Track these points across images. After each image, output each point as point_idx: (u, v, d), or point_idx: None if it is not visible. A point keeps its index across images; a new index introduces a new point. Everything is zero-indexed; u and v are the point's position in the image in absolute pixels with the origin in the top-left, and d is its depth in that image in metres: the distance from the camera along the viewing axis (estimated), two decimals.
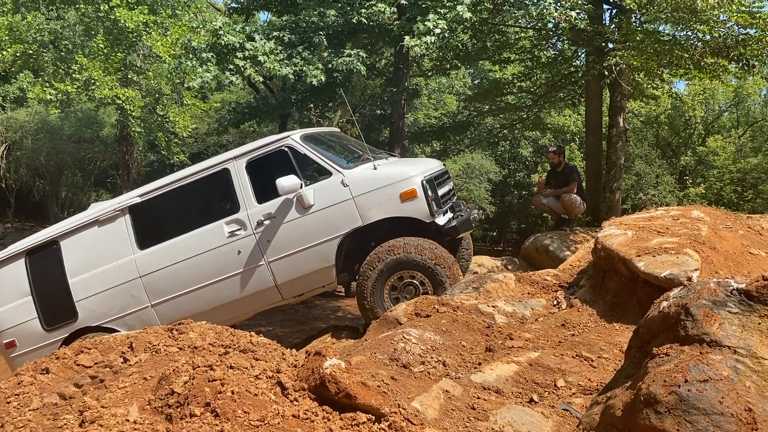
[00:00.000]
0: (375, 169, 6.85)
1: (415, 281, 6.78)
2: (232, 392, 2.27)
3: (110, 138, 30.56)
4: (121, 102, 18.19)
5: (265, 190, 6.90)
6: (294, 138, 6.95)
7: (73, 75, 17.70)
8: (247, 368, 2.51)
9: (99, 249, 7.13)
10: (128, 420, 2.31)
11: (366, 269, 6.77)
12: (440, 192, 7.08)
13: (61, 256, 7.16)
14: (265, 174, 6.92)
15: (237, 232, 6.86)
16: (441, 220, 6.91)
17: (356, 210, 6.68)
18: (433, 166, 7.45)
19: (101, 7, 16.87)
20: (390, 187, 6.69)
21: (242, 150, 7.13)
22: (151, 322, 6.88)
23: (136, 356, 3.04)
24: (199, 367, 2.46)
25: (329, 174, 6.80)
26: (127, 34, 17.69)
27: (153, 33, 17.49)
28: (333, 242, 6.73)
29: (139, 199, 7.16)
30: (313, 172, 6.95)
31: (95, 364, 3.06)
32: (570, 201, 10.32)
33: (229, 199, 7.02)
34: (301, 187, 6.66)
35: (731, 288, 2.60)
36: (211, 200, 7.24)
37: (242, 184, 6.91)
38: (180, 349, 3.12)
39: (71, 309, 7.07)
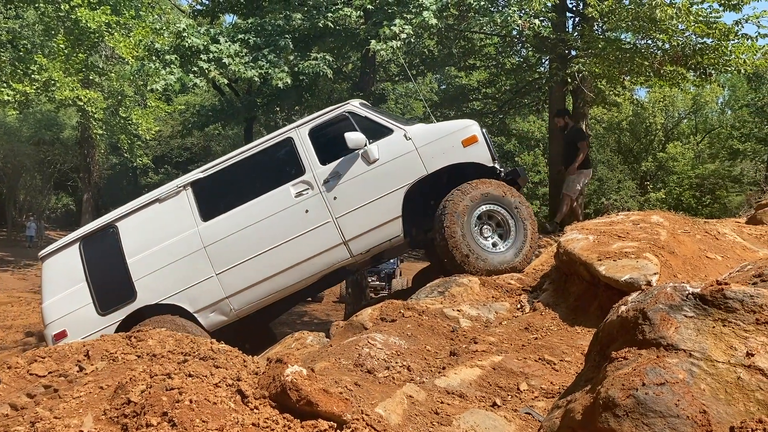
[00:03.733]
0: (433, 123, 7.32)
1: (496, 221, 7.08)
2: (191, 401, 2.22)
3: (71, 140, 29.96)
4: (82, 104, 17.82)
5: (328, 153, 7.16)
6: (354, 104, 7.37)
7: (32, 75, 17.24)
8: (206, 376, 2.46)
9: (160, 226, 7.19)
10: (82, 431, 2.25)
11: (454, 199, 6.92)
12: None
13: (119, 238, 7.20)
14: (327, 138, 7.25)
15: (304, 192, 7.06)
16: (499, 166, 7.34)
17: (420, 160, 6.99)
18: None
19: (62, 7, 16.48)
20: (451, 136, 7.07)
21: (304, 120, 7.46)
22: (214, 291, 6.99)
23: (92, 365, 2.96)
24: (156, 375, 2.40)
25: (390, 132, 7.15)
26: (88, 34, 17.33)
27: (116, 34, 17.16)
28: (399, 192, 6.98)
29: (201, 175, 7.33)
30: (373, 134, 7.16)
31: (49, 373, 2.97)
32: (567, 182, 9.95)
33: (293, 164, 7.22)
34: (366, 144, 6.95)
35: (687, 292, 2.65)
36: (275, 168, 7.40)
37: (306, 149, 7.17)
38: (138, 356, 3.05)
39: (129, 289, 7.05)
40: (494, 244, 7.06)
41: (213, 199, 7.27)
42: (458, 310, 5.96)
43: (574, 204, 10.16)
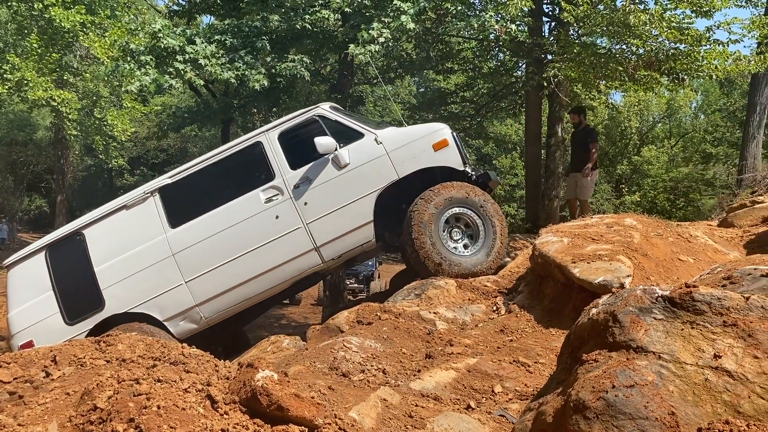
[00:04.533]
0: (404, 126, 7.31)
1: (464, 222, 7.05)
2: (158, 407, 2.18)
3: (44, 141, 29.56)
4: (56, 104, 17.56)
5: (298, 158, 7.11)
6: (324, 107, 7.31)
7: (5, 75, 16.96)
8: (175, 381, 2.42)
9: (127, 233, 7.07)
10: None
11: (419, 209, 6.88)
12: None
13: (86, 246, 7.06)
14: (297, 142, 7.19)
15: (274, 198, 6.98)
16: (470, 169, 7.29)
17: (391, 164, 6.95)
18: None
19: (35, 6, 16.24)
20: (423, 140, 7.04)
21: (273, 124, 7.37)
22: (184, 299, 6.90)
23: (59, 370, 2.89)
24: (124, 381, 2.36)
25: (361, 136, 7.08)
26: (63, 34, 17.09)
27: (91, 34, 16.94)
28: (371, 197, 6.94)
29: (169, 180, 7.21)
30: (343, 138, 7.10)
31: (15, 379, 2.89)
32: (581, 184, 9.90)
33: (263, 169, 7.13)
34: (336, 149, 6.88)
35: (656, 295, 2.68)
36: (244, 173, 7.30)
37: (276, 154, 7.09)
38: (107, 362, 2.99)
39: (97, 298, 6.92)
40: (465, 246, 7.06)
41: (181, 206, 7.16)
42: (435, 313, 5.97)
43: (587, 207, 10.17)
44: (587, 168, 9.61)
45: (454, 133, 7.29)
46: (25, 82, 16.78)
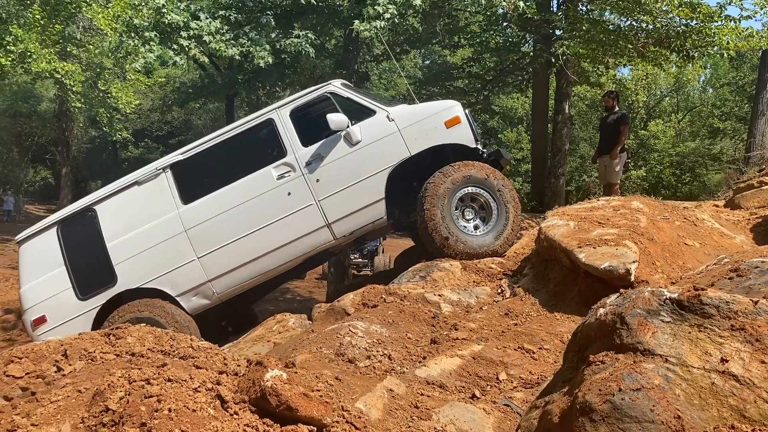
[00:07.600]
0: (416, 103, 7.33)
1: (479, 204, 7.09)
2: (170, 410, 2.20)
3: (48, 113, 29.51)
4: (59, 76, 17.45)
5: (310, 135, 7.14)
6: (335, 84, 7.31)
7: (8, 47, 16.83)
8: (185, 381, 2.45)
9: (139, 209, 7.14)
10: None
11: (435, 181, 6.92)
12: None
13: (97, 222, 7.15)
14: (309, 119, 7.27)
15: (286, 175, 7.03)
16: (481, 147, 7.34)
17: (403, 141, 6.98)
18: None
19: None
20: (435, 117, 7.06)
21: (285, 101, 7.39)
22: (196, 275, 7.00)
23: (70, 365, 2.92)
24: (135, 381, 2.39)
25: (373, 113, 7.11)
26: (65, 5, 16.92)
27: (94, 5, 16.77)
28: (383, 174, 6.99)
29: (181, 157, 7.25)
30: (355, 115, 7.11)
31: (26, 374, 2.92)
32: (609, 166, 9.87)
33: (275, 146, 7.17)
34: (348, 126, 6.92)
35: (664, 297, 2.68)
36: (256, 149, 7.33)
37: (288, 131, 7.12)
38: (117, 355, 3.03)
39: (109, 273, 7.02)
40: (476, 227, 7.07)
41: (193, 182, 7.20)
42: (440, 295, 6.00)
43: (615, 191, 10.10)
44: (616, 150, 9.59)
45: (466, 110, 7.27)
46: (29, 53, 16.65)
